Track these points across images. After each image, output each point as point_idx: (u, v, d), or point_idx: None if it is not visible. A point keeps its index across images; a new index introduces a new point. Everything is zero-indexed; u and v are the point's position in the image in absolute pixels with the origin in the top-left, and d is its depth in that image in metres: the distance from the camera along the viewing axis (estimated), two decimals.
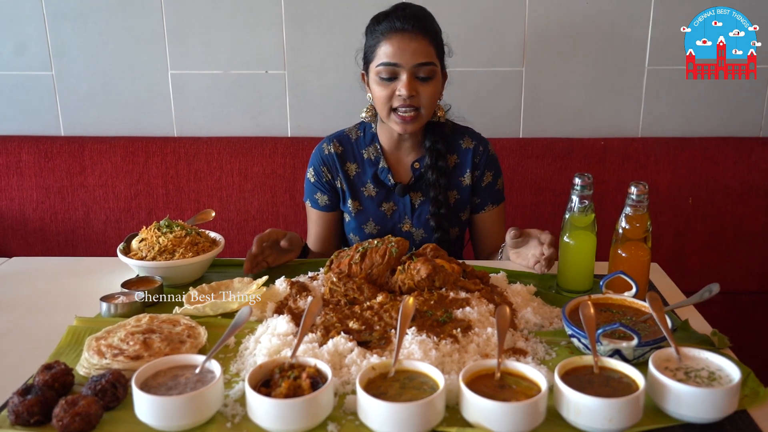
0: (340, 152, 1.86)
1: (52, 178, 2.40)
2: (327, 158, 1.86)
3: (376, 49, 1.70)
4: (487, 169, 1.87)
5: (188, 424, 1.00)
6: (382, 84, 1.69)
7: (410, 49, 1.66)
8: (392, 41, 1.67)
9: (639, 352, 1.16)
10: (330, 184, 1.87)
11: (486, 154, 1.86)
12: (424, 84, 1.68)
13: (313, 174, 1.89)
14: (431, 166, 1.80)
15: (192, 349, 1.21)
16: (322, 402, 1.01)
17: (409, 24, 1.67)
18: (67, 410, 0.99)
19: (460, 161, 1.86)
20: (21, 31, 2.41)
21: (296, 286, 1.47)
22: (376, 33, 1.71)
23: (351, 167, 1.87)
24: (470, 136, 1.87)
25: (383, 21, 1.71)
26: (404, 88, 1.66)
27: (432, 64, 1.68)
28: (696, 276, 2.35)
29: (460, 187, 1.86)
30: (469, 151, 1.85)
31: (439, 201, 1.81)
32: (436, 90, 1.71)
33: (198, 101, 2.46)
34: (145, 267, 1.53)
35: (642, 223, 1.42)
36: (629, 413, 0.99)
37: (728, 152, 2.33)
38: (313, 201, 1.90)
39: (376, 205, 1.86)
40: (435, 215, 1.82)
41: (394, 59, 1.66)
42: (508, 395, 1.01)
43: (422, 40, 1.67)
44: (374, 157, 1.85)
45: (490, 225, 1.90)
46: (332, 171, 1.86)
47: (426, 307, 1.31)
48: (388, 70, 1.67)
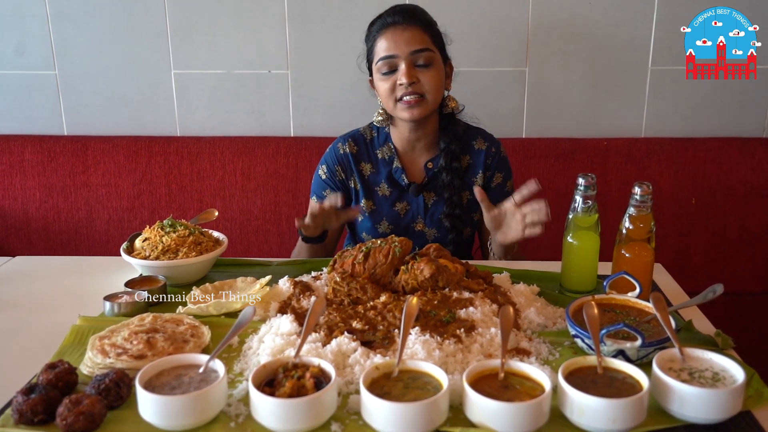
0: (355, 152, 1.87)
1: (55, 178, 2.40)
2: (342, 158, 1.87)
3: (374, 47, 1.74)
4: (498, 171, 1.88)
5: (192, 423, 1.00)
6: (384, 79, 1.72)
7: (404, 39, 1.69)
8: (386, 36, 1.71)
9: (643, 352, 1.15)
10: (343, 183, 1.88)
11: (498, 155, 1.88)
12: (423, 71, 1.70)
13: (325, 171, 1.89)
14: (446, 167, 1.81)
15: (195, 348, 1.21)
16: (325, 402, 1.01)
17: (400, 17, 1.71)
18: (71, 409, 0.99)
19: (473, 162, 1.87)
20: (24, 31, 2.41)
21: (299, 286, 1.47)
22: (372, 34, 1.77)
23: (366, 167, 1.87)
24: (483, 137, 1.88)
25: (377, 22, 1.76)
26: (404, 77, 1.68)
27: (428, 50, 1.70)
28: (699, 277, 2.35)
29: (472, 188, 1.86)
30: (481, 152, 1.86)
31: (453, 202, 1.83)
32: (437, 75, 1.72)
33: (201, 101, 2.47)
34: (148, 266, 1.53)
35: (646, 224, 1.42)
36: (633, 414, 0.99)
37: (732, 153, 2.33)
38: (320, 197, 1.90)
39: (389, 204, 1.87)
40: (449, 216, 1.83)
41: (390, 51, 1.70)
42: (512, 395, 1.01)
43: (415, 29, 1.70)
44: (388, 156, 1.86)
45: None
46: (346, 171, 1.87)
47: (429, 307, 1.31)
48: (386, 63, 1.70)
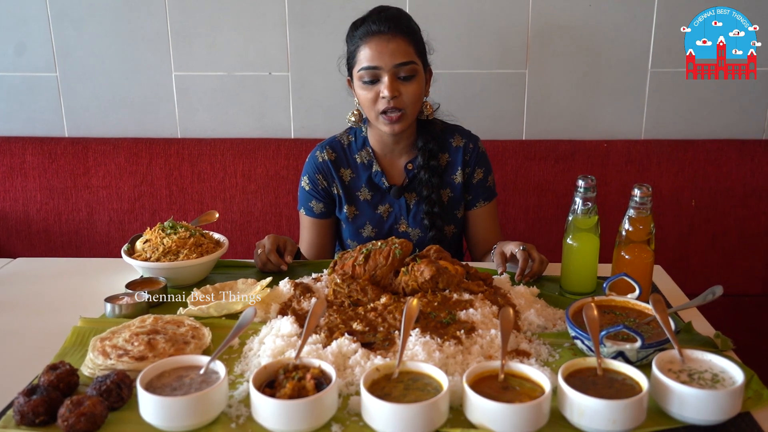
0: (333, 159, 1.87)
1: (56, 179, 2.40)
2: (321, 165, 1.87)
3: (357, 53, 1.72)
4: (478, 166, 1.88)
5: (193, 424, 1.01)
6: (366, 88, 1.71)
7: (389, 51, 1.67)
8: (370, 45, 1.69)
9: (642, 354, 1.16)
10: (326, 191, 1.88)
11: (476, 151, 1.87)
12: (406, 84, 1.69)
13: (308, 182, 1.89)
14: (423, 165, 1.81)
15: (196, 349, 1.22)
16: (326, 403, 1.01)
17: (385, 26, 1.69)
18: (73, 410, 0.99)
19: (452, 159, 1.87)
20: (25, 32, 2.41)
21: (300, 288, 1.48)
22: (355, 39, 1.73)
23: (345, 173, 1.87)
24: (460, 134, 1.88)
25: (360, 26, 1.73)
26: (386, 90, 1.67)
27: (412, 63, 1.69)
28: (699, 278, 2.35)
29: (452, 185, 1.87)
30: (459, 149, 1.86)
31: (432, 200, 1.82)
32: (418, 89, 1.72)
33: (202, 103, 2.47)
34: (149, 268, 1.53)
35: (645, 226, 1.42)
36: (633, 415, 0.99)
37: (731, 155, 2.33)
38: (307, 209, 1.90)
39: (372, 208, 1.87)
40: (428, 214, 1.83)
41: (374, 62, 1.68)
42: (512, 397, 1.02)
43: (400, 40, 1.68)
44: (367, 161, 1.86)
45: (483, 221, 1.91)
46: (328, 178, 1.87)
47: (429, 308, 1.31)
48: (369, 73, 1.69)
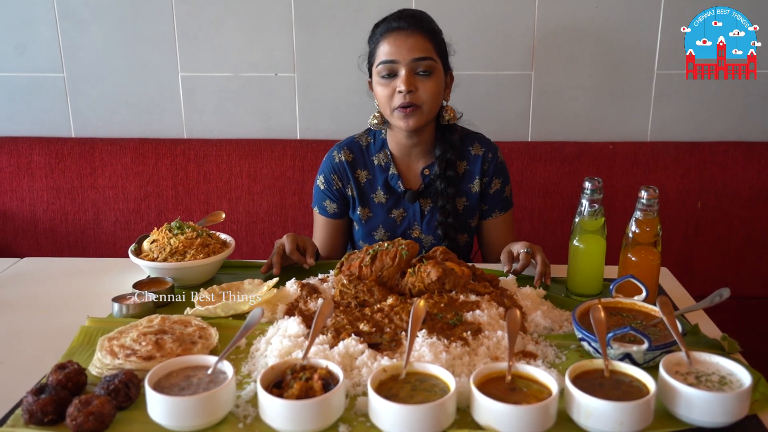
0: (350, 160, 1.86)
1: (62, 180, 2.41)
2: (338, 166, 1.86)
3: (376, 50, 1.73)
4: (496, 177, 1.86)
5: (201, 424, 1.01)
6: (383, 83, 1.71)
7: (407, 45, 1.67)
8: (389, 40, 1.69)
9: (649, 356, 1.16)
10: (340, 192, 1.87)
11: (495, 161, 1.86)
12: (423, 79, 1.69)
13: (323, 182, 1.89)
14: (440, 175, 1.80)
15: (203, 350, 1.22)
16: (333, 403, 1.01)
17: (405, 22, 1.70)
18: (81, 409, 1.00)
19: (470, 168, 1.85)
20: (32, 33, 2.42)
21: (307, 288, 1.48)
22: (375, 37, 1.75)
23: (361, 174, 1.86)
24: (480, 143, 1.86)
25: (381, 25, 1.75)
26: (402, 83, 1.67)
27: (430, 59, 1.69)
28: (706, 280, 2.34)
29: (469, 194, 1.86)
30: (478, 158, 1.85)
31: (447, 210, 1.81)
32: (436, 86, 1.71)
33: (208, 103, 2.48)
34: (156, 268, 1.54)
35: (652, 228, 1.42)
36: (640, 417, 0.99)
37: (737, 157, 2.33)
38: (321, 208, 1.90)
39: (386, 211, 1.86)
40: (442, 224, 1.82)
41: (392, 56, 1.68)
42: (519, 398, 1.02)
43: (419, 36, 1.69)
44: (384, 163, 1.85)
45: (498, 231, 1.90)
46: (343, 179, 1.86)
47: (436, 309, 1.31)
48: (387, 67, 1.69)
